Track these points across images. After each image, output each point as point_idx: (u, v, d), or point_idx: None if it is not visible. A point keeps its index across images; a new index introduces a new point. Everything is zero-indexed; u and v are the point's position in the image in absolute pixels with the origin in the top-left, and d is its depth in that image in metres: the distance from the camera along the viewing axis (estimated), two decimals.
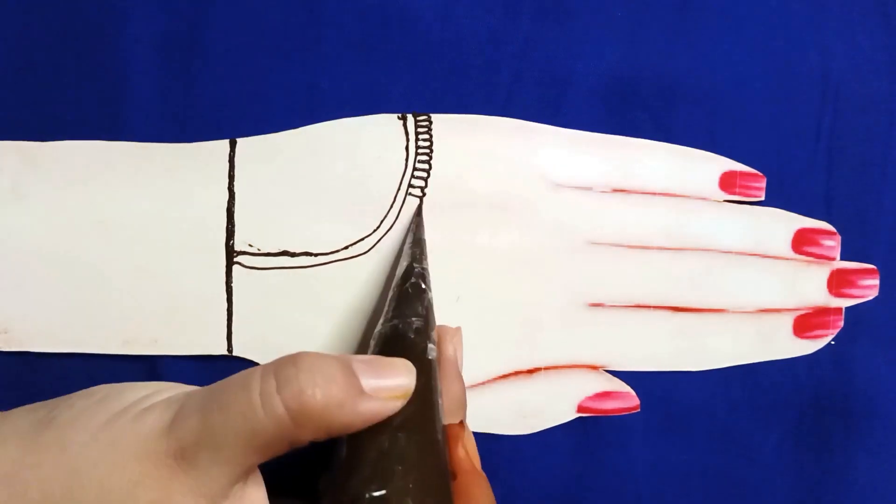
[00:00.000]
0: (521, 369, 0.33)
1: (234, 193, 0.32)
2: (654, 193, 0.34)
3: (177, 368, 0.33)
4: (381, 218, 0.33)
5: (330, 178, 0.33)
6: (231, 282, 0.32)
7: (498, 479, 0.34)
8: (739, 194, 0.34)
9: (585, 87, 0.34)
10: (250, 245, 0.32)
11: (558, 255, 0.33)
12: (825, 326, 0.34)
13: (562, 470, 0.34)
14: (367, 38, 0.33)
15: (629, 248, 0.34)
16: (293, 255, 0.33)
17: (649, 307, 0.34)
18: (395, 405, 0.24)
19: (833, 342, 0.34)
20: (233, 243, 0.32)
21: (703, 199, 0.34)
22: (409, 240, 0.32)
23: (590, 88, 0.34)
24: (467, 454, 0.26)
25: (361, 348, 0.33)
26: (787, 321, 0.34)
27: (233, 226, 0.32)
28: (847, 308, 0.34)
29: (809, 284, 0.34)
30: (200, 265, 0.32)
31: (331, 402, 0.22)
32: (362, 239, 0.33)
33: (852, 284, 0.34)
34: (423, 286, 0.29)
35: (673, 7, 0.34)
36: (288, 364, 0.23)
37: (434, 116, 0.33)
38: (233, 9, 0.33)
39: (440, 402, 0.26)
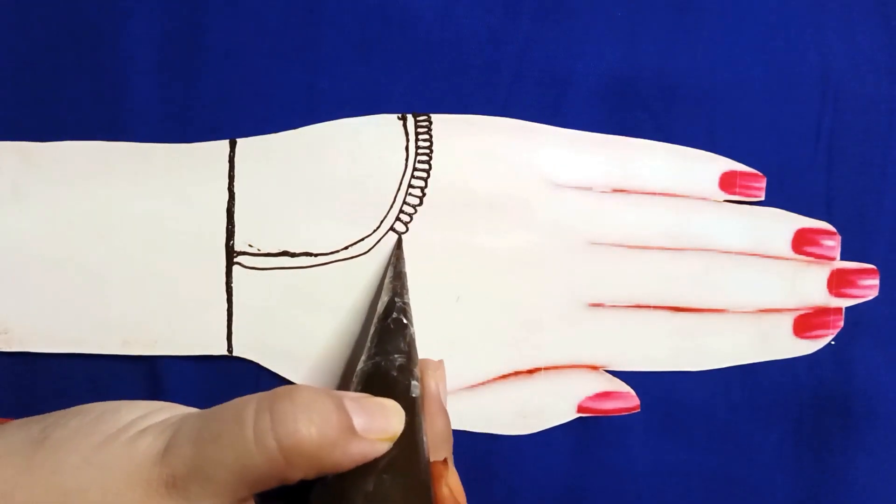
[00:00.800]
0: (521, 369, 0.33)
1: (234, 193, 0.32)
2: (655, 193, 0.34)
3: (177, 368, 0.33)
4: (381, 218, 0.33)
5: (330, 178, 0.33)
6: (231, 282, 0.32)
7: (498, 479, 0.34)
8: (739, 194, 0.34)
9: (585, 87, 0.34)
10: (250, 245, 0.32)
11: (558, 255, 0.33)
12: (825, 326, 0.34)
13: (562, 470, 0.34)
14: (367, 38, 0.33)
15: (629, 248, 0.34)
16: (293, 255, 0.33)
17: (649, 307, 0.34)
18: (383, 447, 0.24)
19: (833, 342, 0.34)
20: (233, 243, 0.32)
21: (703, 199, 0.34)
22: (389, 274, 0.32)
23: (590, 88, 0.34)
24: (451, 492, 0.26)
25: (348, 372, 0.33)
26: (787, 321, 0.34)
27: (233, 226, 0.32)
28: (847, 308, 0.34)
29: (809, 284, 0.34)
30: (200, 265, 0.32)
31: (325, 441, 0.22)
32: (362, 239, 0.33)
33: (852, 284, 0.34)
34: (405, 321, 0.29)
35: (673, 7, 0.34)
36: (284, 399, 0.22)
37: (434, 116, 0.33)
38: (233, 9, 0.33)
39: (425, 439, 0.26)
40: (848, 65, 0.35)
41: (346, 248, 0.33)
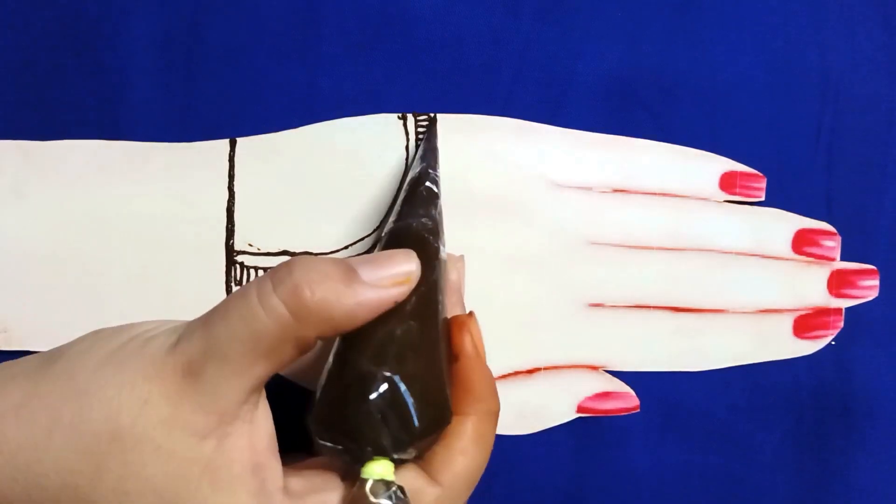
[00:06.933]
0: (521, 369, 0.33)
1: (234, 193, 0.32)
2: (655, 194, 0.34)
3: None
4: (381, 218, 0.33)
5: (330, 178, 0.33)
6: (231, 281, 0.32)
7: (498, 479, 0.34)
8: (739, 194, 0.34)
9: (585, 87, 0.34)
10: (250, 245, 0.32)
11: (558, 255, 0.33)
12: (825, 327, 0.34)
13: (562, 470, 0.34)
14: (367, 38, 0.33)
15: (629, 248, 0.34)
16: (293, 254, 0.33)
17: (649, 307, 0.34)
18: (400, 291, 0.24)
19: (833, 343, 0.34)
20: (233, 243, 0.32)
21: (704, 199, 0.34)
22: (423, 146, 0.31)
23: (590, 88, 0.34)
24: (472, 340, 0.27)
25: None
26: (787, 322, 0.34)
27: (233, 225, 0.32)
28: (847, 308, 0.34)
29: (809, 285, 0.34)
30: (200, 265, 0.32)
31: (328, 293, 0.22)
32: (362, 239, 0.33)
33: (852, 285, 0.34)
34: (437, 191, 0.29)
35: (673, 7, 0.34)
36: (281, 266, 0.22)
37: (434, 116, 0.33)
38: (233, 9, 0.33)
39: (442, 299, 0.26)
40: (848, 65, 0.35)
41: (345, 247, 0.33)
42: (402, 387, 0.23)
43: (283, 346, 0.22)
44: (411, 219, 0.27)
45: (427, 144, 0.31)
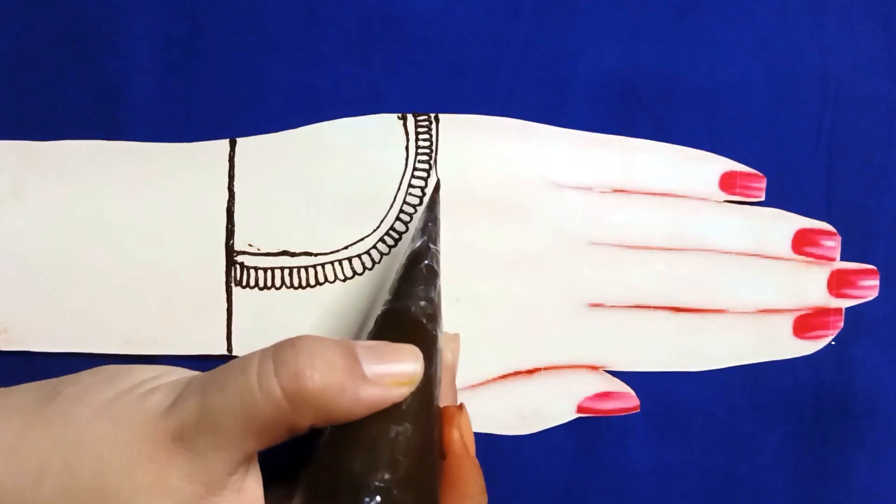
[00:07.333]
0: (521, 369, 0.33)
1: (234, 193, 0.32)
2: (655, 194, 0.34)
3: None
4: (381, 218, 0.33)
5: (330, 178, 0.33)
6: (231, 281, 0.32)
7: (498, 479, 0.34)
8: (739, 194, 0.34)
9: (585, 87, 0.34)
10: (250, 245, 0.32)
11: (558, 255, 0.33)
12: (825, 327, 0.34)
13: (562, 470, 0.34)
14: (367, 38, 0.33)
15: (629, 248, 0.34)
16: (293, 254, 0.33)
17: (649, 307, 0.34)
18: (401, 392, 0.23)
19: (833, 343, 0.34)
20: (233, 243, 0.32)
21: (703, 199, 0.34)
22: (425, 216, 0.31)
23: (590, 88, 0.34)
24: (461, 437, 0.26)
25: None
26: (788, 322, 0.34)
27: (233, 226, 0.32)
28: (847, 308, 0.34)
29: (809, 285, 0.34)
30: (200, 265, 0.32)
31: (329, 386, 0.22)
32: (362, 239, 0.33)
33: (852, 285, 0.34)
34: (436, 269, 0.28)
35: (673, 7, 0.34)
36: (287, 346, 0.22)
37: (434, 116, 0.33)
38: (233, 9, 0.33)
39: (436, 393, 0.26)
40: (848, 65, 0.35)
41: (346, 247, 0.33)
42: (395, 492, 0.22)
43: (276, 428, 0.22)
44: (409, 301, 0.27)
45: (429, 214, 0.31)
